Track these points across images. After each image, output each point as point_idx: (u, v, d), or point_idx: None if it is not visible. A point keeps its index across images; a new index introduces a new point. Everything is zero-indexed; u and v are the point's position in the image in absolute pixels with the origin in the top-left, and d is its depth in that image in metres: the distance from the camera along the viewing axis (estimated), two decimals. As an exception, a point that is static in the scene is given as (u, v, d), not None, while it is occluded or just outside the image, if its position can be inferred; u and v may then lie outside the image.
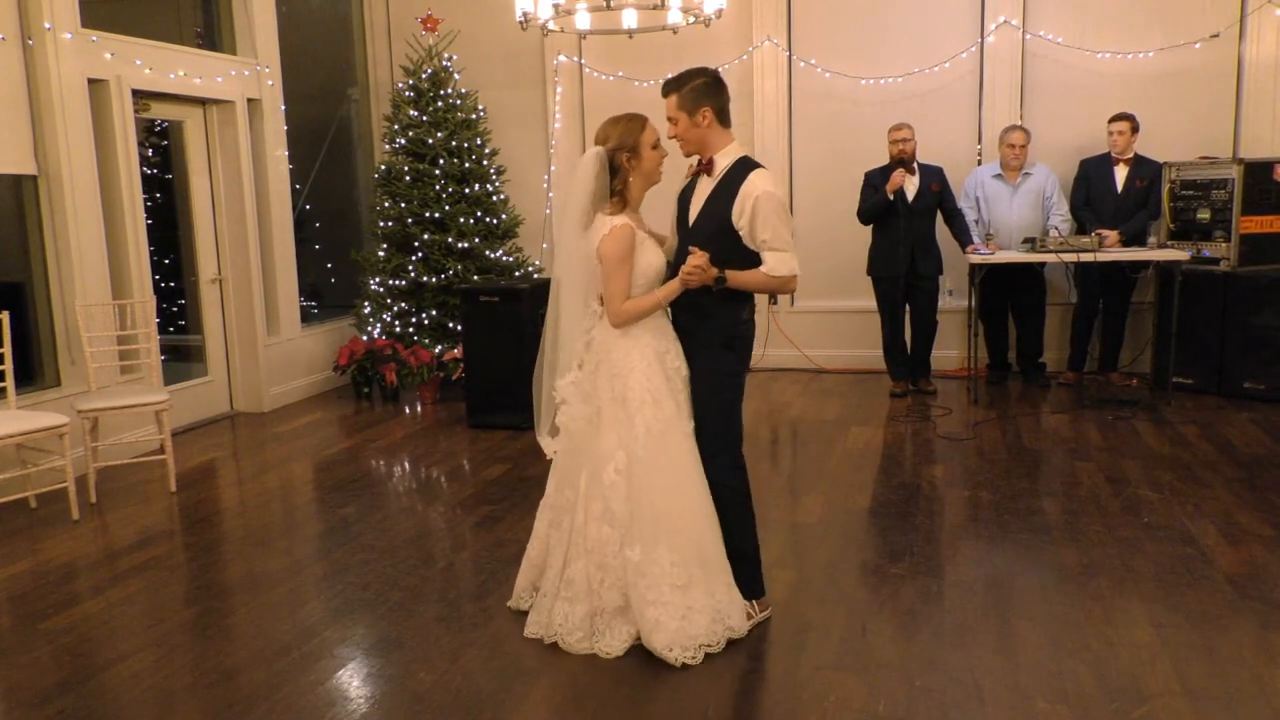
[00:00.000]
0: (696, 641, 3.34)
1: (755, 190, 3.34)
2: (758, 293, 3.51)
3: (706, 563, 3.42)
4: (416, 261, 7.62)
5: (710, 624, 3.39)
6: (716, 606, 3.41)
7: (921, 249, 6.99)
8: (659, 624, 3.33)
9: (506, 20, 7.28)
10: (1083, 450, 5.66)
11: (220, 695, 3.21)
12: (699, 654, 3.33)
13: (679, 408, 3.45)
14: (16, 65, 5.63)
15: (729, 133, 3.51)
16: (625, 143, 3.40)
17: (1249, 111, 7.24)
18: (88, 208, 5.93)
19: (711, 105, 3.45)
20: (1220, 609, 3.60)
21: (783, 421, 6.72)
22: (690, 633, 3.34)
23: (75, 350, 5.84)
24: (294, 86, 7.78)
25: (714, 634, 3.38)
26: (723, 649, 3.38)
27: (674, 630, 3.33)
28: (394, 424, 6.97)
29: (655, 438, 3.39)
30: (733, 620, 3.43)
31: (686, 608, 3.36)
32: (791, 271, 3.43)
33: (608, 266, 3.37)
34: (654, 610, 3.34)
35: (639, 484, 3.39)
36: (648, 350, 3.43)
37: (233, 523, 4.98)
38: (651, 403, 3.40)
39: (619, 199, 3.42)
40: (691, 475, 3.45)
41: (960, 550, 4.26)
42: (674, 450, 3.42)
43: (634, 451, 3.39)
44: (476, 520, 4.86)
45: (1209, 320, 6.77)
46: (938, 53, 7.76)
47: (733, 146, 3.50)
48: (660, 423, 3.40)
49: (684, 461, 3.44)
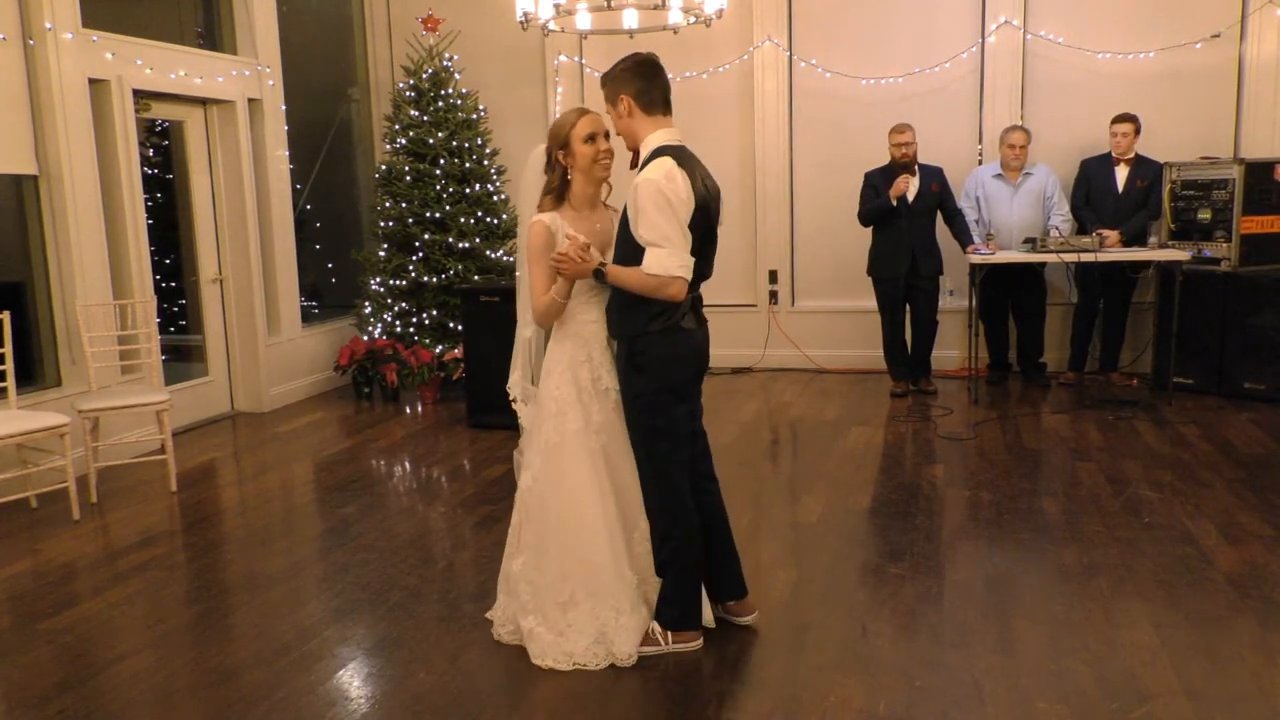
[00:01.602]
0: (571, 659, 3.30)
1: (638, 179, 3.11)
2: (642, 293, 3.15)
3: (596, 585, 3.31)
4: (417, 261, 7.62)
5: (590, 645, 3.31)
6: (602, 630, 3.31)
7: (922, 249, 6.99)
8: (533, 634, 3.34)
9: (507, 20, 7.28)
10: (1083, 450, 5.66)
11: (220, 695, 3.21)
12: (572, 667, 3.29)
13: (587, 422, 3.31)
14: (17, 65, 5.63)
15: (656, 119, 3.23)
16: (557, 138, 3.30)
17: (1249, 111, 7.24)
18: (88, 208, 5.93)
19: (628, 92, 3.21)
20: (1220, 609, 3.60)
21: (783, 421, 6.72)
22: (565, 649, 3.31)
23: (76, 350, 5.84)
24: (294, 86, 7.78)
25: (593, 655, 3.30)
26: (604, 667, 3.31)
27: (549, 643, 3.32)
28: (394, 424, 6.97)
29: (551, 449, 3.33)
30: (618, 647, 3.30)
31: (566, 624, 3.32)
32: (667, 271, 3.07)
33: (522, 261, 3.41)
34: (530, 620, 3.35)
35: (535, 494, 3.37)
36: (564, 356, 3.35)
37: (233, 523, 4.98)
38: (555, 413, 3.32)
39: (552, 196, 3.33)
40: (588, 494, 3.30)
41: (960, 550, 4.26)
42: (569, 465, 3.30)
43: (534, 461, 3.38)
44: (477, 520, 4.87)
45: (1209, 320, 6.77)
46: (938, 53, 7.76)
47: (656, 134, 3.22)
48: (558, 434, 3.31)
49: (581, 479, 3.30)
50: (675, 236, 3.08)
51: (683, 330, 3.23)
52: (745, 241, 8.33)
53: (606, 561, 3.32)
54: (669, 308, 3.18)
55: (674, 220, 3.08)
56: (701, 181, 3.21)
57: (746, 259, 8.33)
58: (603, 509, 3.32)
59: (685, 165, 3.16)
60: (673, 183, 3.09)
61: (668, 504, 3.31)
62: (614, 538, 3.34)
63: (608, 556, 3.32)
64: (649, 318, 3.20)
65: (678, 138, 3.27)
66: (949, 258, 7.23)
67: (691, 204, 3.13)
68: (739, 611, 3.58)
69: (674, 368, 3.26)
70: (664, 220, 3.07)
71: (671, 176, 3.10)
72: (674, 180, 3.09)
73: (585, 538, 3.31)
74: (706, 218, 3.21)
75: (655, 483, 3.32)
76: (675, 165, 3.12)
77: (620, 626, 3.32)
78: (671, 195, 3.07)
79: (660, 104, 3.24)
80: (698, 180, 3.18)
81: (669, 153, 3.17)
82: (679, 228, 3.09)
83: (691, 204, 3.13)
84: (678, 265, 3.09)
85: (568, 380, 3.34)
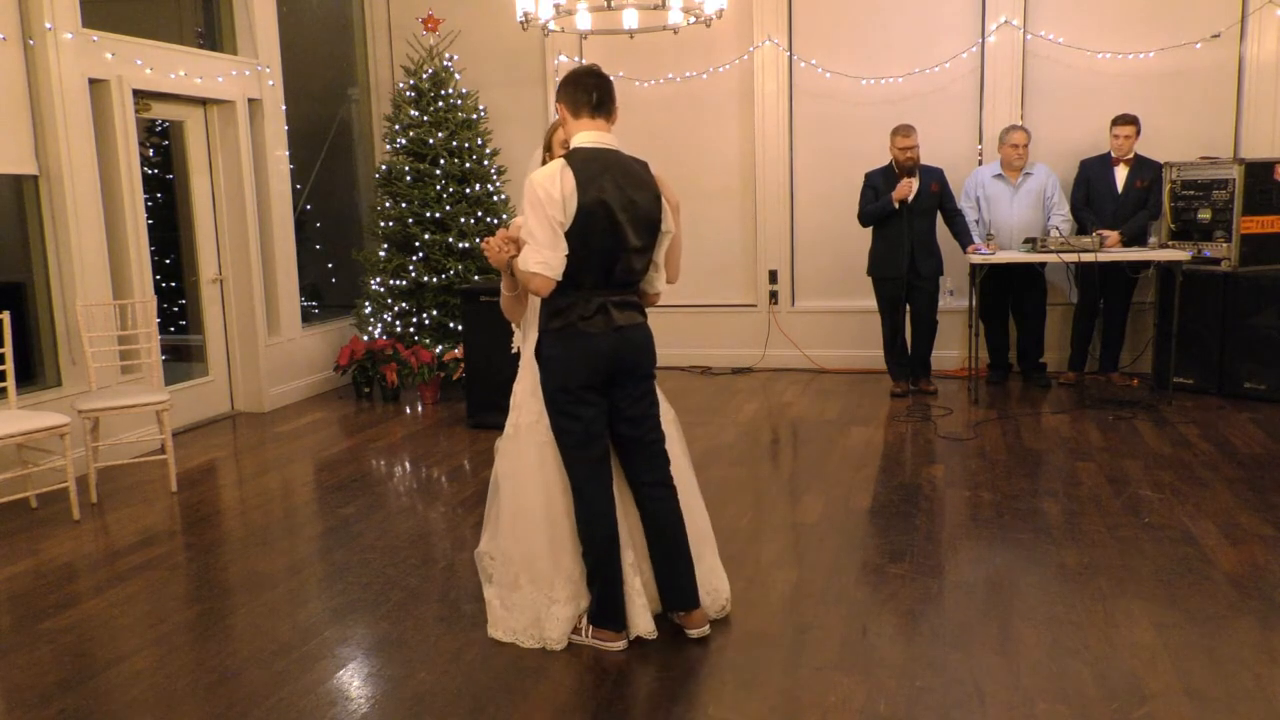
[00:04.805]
0: (513, 634, 3.51)
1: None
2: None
3: (534, 572, 3.47)
4: (417, 261, 7.62)
5: (528, 625, 3.48)
6: (537, 614, 3.47)
7: (922, 249, 6.99)
8: (490, 604, 3.60)
9: (507, 20, 7.29)
10: (1083, 450, 5.66)
11: (220, 695, 3.21)
12: (510, 639, 3.50)
13: (539, 416, 3.43)
14: (17, 65, 5.63)
15: (583, 122, 3.32)
16: (546, 141, 3.59)
17: (1249, 111, 7.24)
18: (88, 208, 5.93)
19: (560, 99, 3.36)
20: (1221, 609, 3.60)
21: (783, 421, 6.72)
22: (510, 625, 3.52)
23: (76, 350, 5.84)
24: (294, 86, 7.78)
25: (529, 636, 3.48)
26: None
27: (498, 615, 3.55)
28: (394, 424, 6.97)
29: (507, 439, 3.53)
30: (548, 632, 3.45)
31: (512, 602, 3.52)
32: (526, 267, 3.18)
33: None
34: (489, 591, 3.62)
35: (494, 479, 3.60)
36: (530, 351, 3.50)
37: (233, 523, 4.98)
38: (521, 403, 3.50)
39: None
40: (532, 484, 3.44)
41: (960, 550, 4.26)
42: (522, 453, 3.46)
43: (498, 448, 3.59)
44: (476, 520, 4.84)
45: (1209, 320, 6.77)
46: (938, 53, 7.76)
47: (579, 136, 3.32)
48: (513, 425, 3.51)
49: (528, 466, 3.44)
50: (539, 234, 3.16)
51: (581, 333, 3.27)
52: (745, 241, 8.34)
53: (543, 551, 3.46)
54: (565, 308, 3.26)
55: (540, 217, 3.16)
56: (599, 189, 3.20)
57: (746, 259, 8.33)
58: (545, 500, 3.44)
59: (584, 168, 3.20)
60: (548, 182, 3.16)
61: (577, 505, 3.40)
62: (555, 528, 3.44)
63: (545, 546, 3.45)
64: (549, 316, 3.32)
65: (607, 141, 3.32)
66: (949, 258, 7.23)
67: (568, 206, 3.17)
68: (688, 623, 3.49)
69: (570, 369, 3.29)
70: (532, 217, 3.17)
71: (550, 177, 3.18)
72: (551, 180, 3.17)
73: (528, 526, 3.47)
74: (592, 222, 3.20)
75: (572, 469, 3.40)
76: (563, 166, 3.19)
77: (551, 615, 3.45)
78: (542, 194, 3.16)
79: (587, 108, 3.31)
80: (591, 185, 3.19)
81: (578, 154, 3.25)
82: (544, 225, 3.15)
83: (568, 206, 3.17)
84: (535, 261, 3.16)
85: (530, 371, 3.47)
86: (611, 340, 3.30)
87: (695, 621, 3.48)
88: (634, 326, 3.37)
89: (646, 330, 3.44)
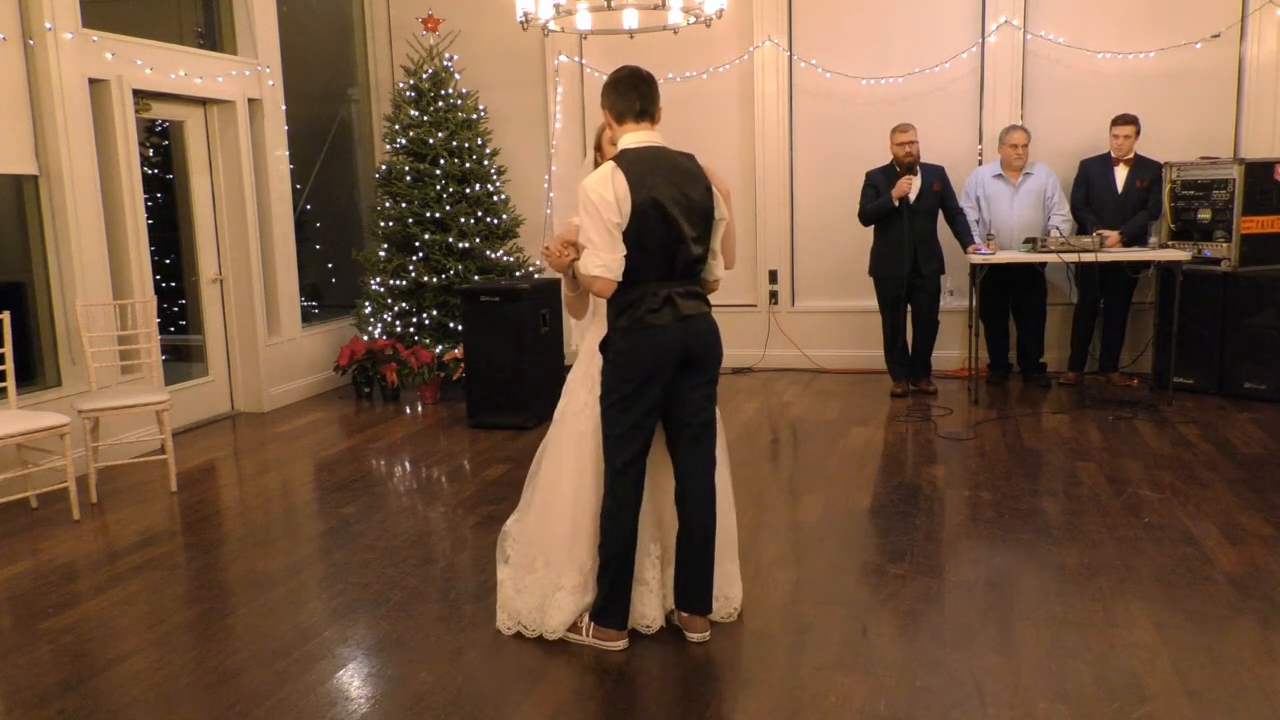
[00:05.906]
0: (518, 617, 3.54)
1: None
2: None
3: (551, 556, 3.52)
4: (417, 262, 7.62)
5: (533, 611, 3.52)
6: (543, 600, 3.51)
7: (923, 249, 6.99)
8: (501, 585, 3.63)
9: (507, 20, 7.28)
10: (1083, 450, 5.66)
11: (220, 695, 3.21)
12: (515, 629, 3.53)
13: (585, 405, 3.47)
14: (17, 65, 5.63)
15: (628, 126, 3.38)
16: (595, 141, 3.67)
17: (1249, 111, 7.24)
18: (88, 208, 5.93)
19: (605, 105, 3.41)
20: (1221, 609, 3.60)
21: (783, 421, 6.72)
22: (515, 607, 3.55)
23: (76, 350, 5.84)
24: (294, 86, 7.78)
25: (533, 621, 3.52)
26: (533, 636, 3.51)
27: (508, 596, 3.58)
28: (394, 424, 6.97)
29: (555, 423, 3.59)
30: (549, 618, 3.49)
31: (525, 584, 3.55)
32: (587, 271, 3.25)
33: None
34: (504, 572, 3.63)
35: (536, 461, 3.64)
36: (591, 340, 3.54)
37: (233, 523, 4.98)
38: (572, 390, 3.54)
39: None
40: (565, 471, 3.49)
41: (960, 550, 4.26)
42: (562, 441, 3.53)
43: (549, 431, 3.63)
44: (477, 520, 4.86)
45: (1209, 320, 6.77)
46: (938, 53, 7.76)
47: (626, 138, 3.37)
48: (561, 411, 3.57)
49: (566, 455, 3.50)
50: (596, 238, 3.22)
51: (650, 325, 3.30)
52: (745, 241, 8.32)
53: (564, 536, 3.49)
54: (633, 303, 3.29)
55: (596, 222, 3.21)
56: (650, 187, 3.24)
57: (747, 259, 8.32)
58: (575, 487, 3.47)
59: (634, 168, 3.25)
60: (601, 186, 3.21)
61: (605, 499, 3.40)
62: (579, 516, 3.46)
63: (566, 532, 3.48)
64: (616, 313, 3.34)
65: (653, 140, 3.38)
66: (949, 258, 7.23)
67: (623, 206, 3.21)
68: (688, 626, 3.49)
69: (639, 362, 3.31)
70: (588, 222, 3.23)
71: (603, 181, 3.22)
72: (604, 184, 3.22)
73: (554, 510, 3.51)
74: (647, 220, 3.25)
75: (611, 460, 3.39)
76: (614, 169, 3.24)
77: (555, 601, 3.48)
78: (596, 198, 3.20)
79: (632, 115, 3.36)
80: (643, 184, 3.23)
81: (626, 155, 3.29)
82: (601, 229, 3.20)
83: (623, 206, 3.21)
84: (595, 265, 3.21)
85: (585, 362, 3.51)
86: (679, 331, 3.33)
87: (698, 626, 3.49)
88: (700, 316, 3.42)
89: (712, 321, 3.48)
